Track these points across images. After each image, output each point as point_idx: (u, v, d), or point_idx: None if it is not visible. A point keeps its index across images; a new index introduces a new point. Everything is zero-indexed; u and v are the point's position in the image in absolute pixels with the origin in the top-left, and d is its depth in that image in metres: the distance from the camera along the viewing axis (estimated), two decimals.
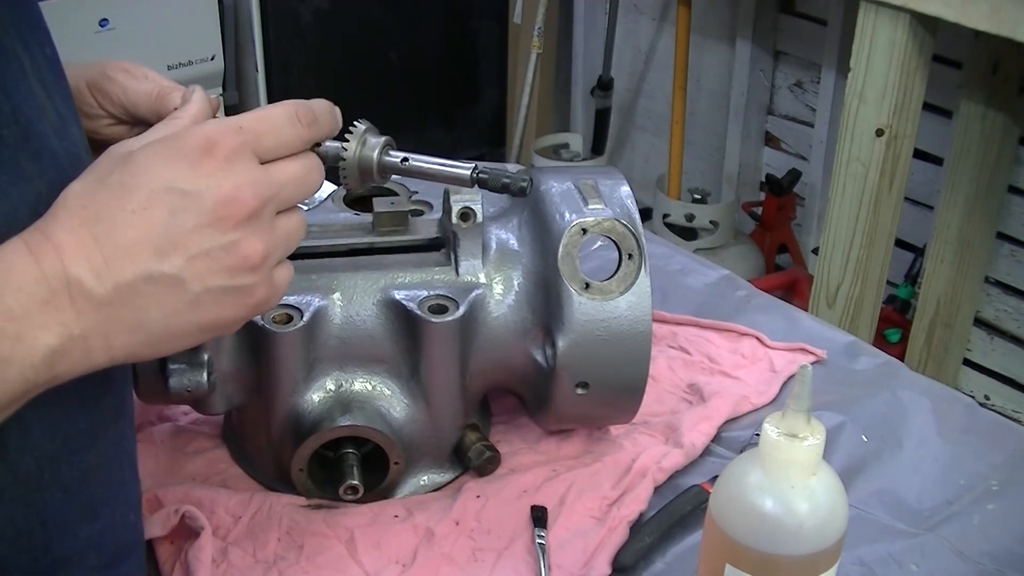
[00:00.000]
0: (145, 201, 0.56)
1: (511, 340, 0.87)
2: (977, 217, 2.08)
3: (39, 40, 0.61)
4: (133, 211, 0.55)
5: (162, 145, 0.58)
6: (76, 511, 0.63)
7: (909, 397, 1.02)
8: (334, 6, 2.57)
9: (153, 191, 0.56)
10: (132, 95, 0.73)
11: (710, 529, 0.66)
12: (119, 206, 0.55)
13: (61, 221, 0.55)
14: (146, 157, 0.57)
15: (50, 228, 0.55)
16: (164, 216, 0.56)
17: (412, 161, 0.69)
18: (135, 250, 0.55)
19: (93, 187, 0.56)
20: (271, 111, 0.61)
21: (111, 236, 0.55)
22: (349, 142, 0.69)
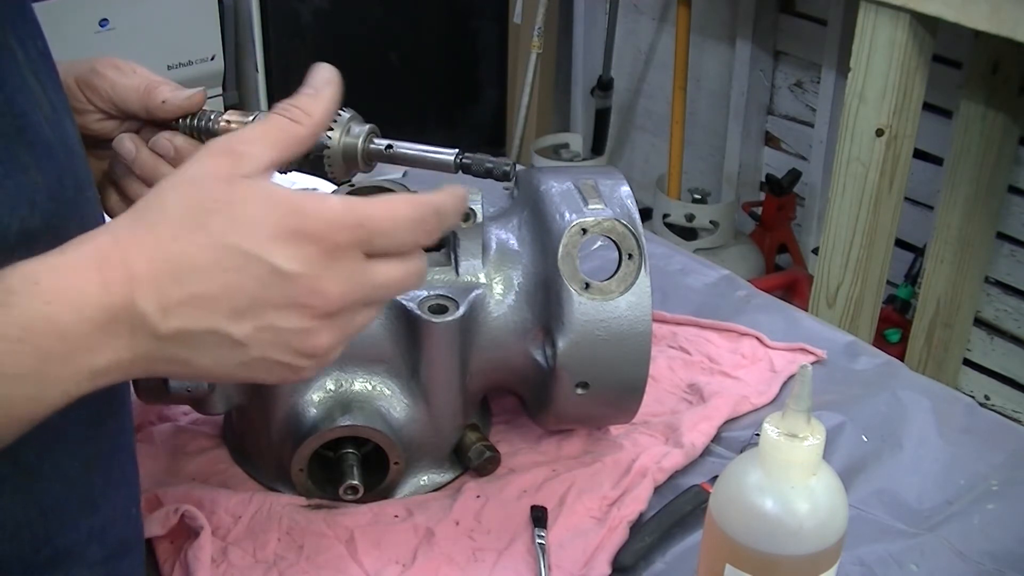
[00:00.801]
0: (240, 263, 0.54)
1: (511, 340, 0.87)
2: (977, 217, 2.08)
3: (31, 34, 0.61)
4: (225, 269, 0.54)
5: (274, 207, 0.55)
6: (76, 502, 0.63)
7: (909, 397, 1.02)
8: (334, 6, 2.57)
9: (251, 257, 0.54)
10: (120, 90, 0.73)
11: (710, 529, 0.66)
12: (214, 259, 0.54)
13: (146, 248, 0.54)
14: (256, 212, 0.55)
15: (130, 253, 0.53)
16: (253, 285, 0.55)
17: (396, 148, 0.70)
18: (212, 306, 0.54)
19: (192, 223, 0.54)
20: (401, 210, 0.58)
21: (193, 283, 0.54)
22: (333, 130, 0.69)
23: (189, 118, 0.74)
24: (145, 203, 0.56)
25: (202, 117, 0.74)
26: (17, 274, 0.51)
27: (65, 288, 0.51)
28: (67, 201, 0.60)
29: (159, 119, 0.74)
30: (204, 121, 0.74)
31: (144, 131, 0.75)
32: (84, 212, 0.62)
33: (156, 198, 0.56)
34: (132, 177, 0.75)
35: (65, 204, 0.60)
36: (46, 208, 0.58)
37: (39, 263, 0.52)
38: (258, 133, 0.59)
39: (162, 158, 0.74)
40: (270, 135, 0.59)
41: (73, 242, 0.54)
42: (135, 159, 0.73)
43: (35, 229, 0.57)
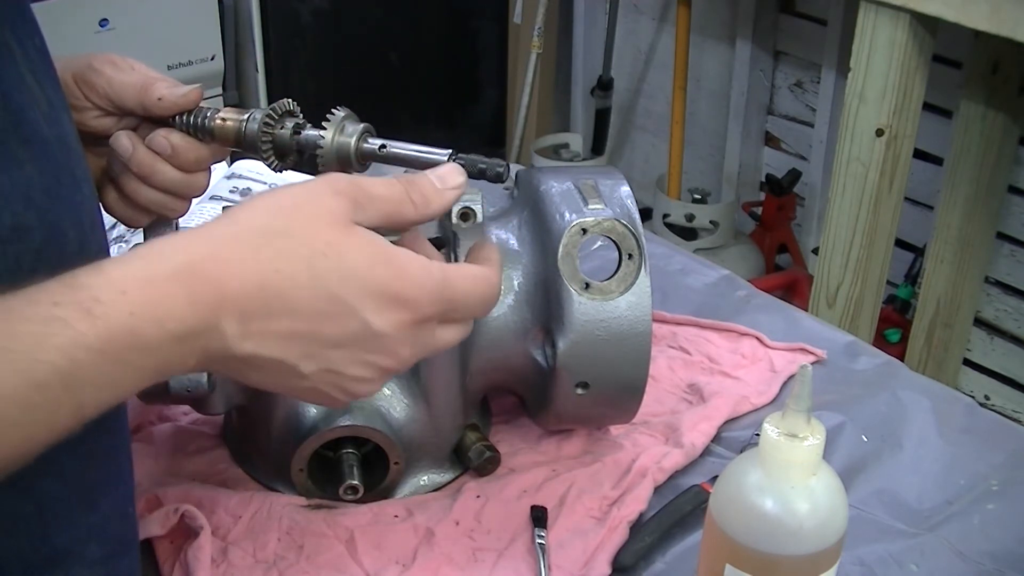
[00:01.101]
0: (334, 311, 0.56)
1: (511, 340, 0.87)
2: (977, 217, 2.08)
3: (29, 32, 0.61)
4: (318, 312, 0.56)
5: (382, 265, 0.57)
6: (75, 499, 0.63)
7: (909, 397, 1.02)
8: (334, 6, 2.57)
9: (347, 307, 0.56)
10: (117, 87, 0.73)
11: (710, 529, 0.66)
12: (310, 301, 0.56)
13: (245, 271, 0.54)
14: (364, 266, 0.57)
15: (227, 273, 0.54)
16: (338, 333, 0.57)
17: (390, 148, 0.69)
18: (291, 342, 0.56)
19: (300, 260, 0.55)
20: (484, 291, 0.63)
21: (282, 318, 0.55)
22: (327, 129, 0.69)
23: (185, 115, 0.74)
24: (250, 217, 0.57)
25: (198, 114, 0.74)
26: (103, 280, 0.51)
27: (152, 303, 0.52)
28: (63, 198, 0.60)
29: (156, 116, 0.74)
30: (200, 118, 0.73)
31: (142, 128, 0.75)
32: (81, 209, 0.62)
33: (264, 215, 0.56)
34: (129, 175, 0.75)
35: (61, 201, 0.60)
36: (42, 204, 0.58)
37: (125, 268, 0.52)
38: (380, 194, 0.60)
39: (159, 156, 0.74)
40: (387, 205, 0.60)
41: (163, 246, 0.54)
42: (132, 157, 0.73)
43: (29, 225, 0.57)
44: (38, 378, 0.48)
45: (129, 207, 0.76)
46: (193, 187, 0.76)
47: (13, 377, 0.47)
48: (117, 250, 1.13)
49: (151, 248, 0.54)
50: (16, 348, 0.48)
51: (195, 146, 0.74)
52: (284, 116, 0.72)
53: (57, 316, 0.49)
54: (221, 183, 1.33)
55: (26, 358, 0.48)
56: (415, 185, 0.62)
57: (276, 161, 0.73)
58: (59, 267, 0.59)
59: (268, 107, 0.72)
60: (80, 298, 0.50)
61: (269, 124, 0.72)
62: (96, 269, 0.52)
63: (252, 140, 0.72)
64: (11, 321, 0.48)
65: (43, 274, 0.58)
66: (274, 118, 0.72)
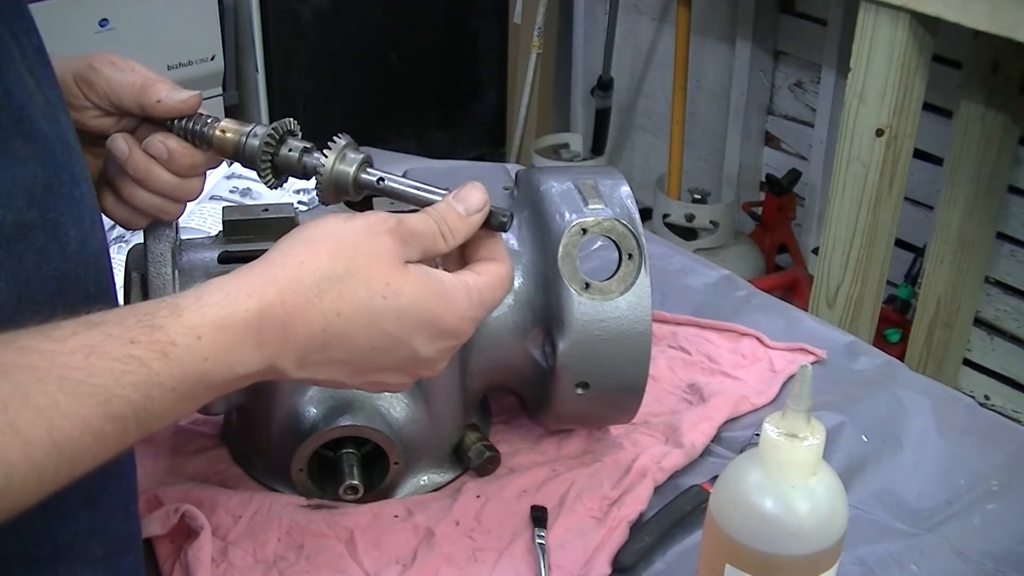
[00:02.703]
0: (387, 345, 0.62)
1: (511, 340, 0.87)
2: (977, 217, 2.08)
3: (26, 29, 0.61)
4: (372, 347, 0.62)
5: (432, 302, 0.63)
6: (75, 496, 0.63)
7: (909, 397, 1.02)
8: (334, 6, 2.57)
9: (399, 342, 0.62)
10: (116, 86, 0.73)
11: (710, 529, 0.66)
12: (366, 339, 0.61)
13: (310, 319, 0.59)
14: (416, 304, 0.62)
15: (295, 321, 0.58)
16: (388, 360, 0.63)
17: (388, 181, 0.70)
18: (344, 368, 0.62)
19: (361, 304, 0.60)
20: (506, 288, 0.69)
21: (338, 352, 0.61)
22: (328, 156, 0.69)
23: (184, 120, 0.73)
24: (315, 259, 0.60)
25: (198, 121, 0.73)
26: (179, 324, 0.55)
27: (224, 351, 0.56)
28: (63, 196, 0.60)
29: (154, 117, 0.74)
30: (200, 125, 0.73)
31: (140, 130, 0.75)
32: (80, 207, 0.62)
33: (327, 259, 0.60)
34: (125, 177, 0.74)
35: (62, 199, 0.60)
36: (43, 202, 0.58)
37: (201, 313, 0.56)
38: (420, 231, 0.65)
39: (155, 159, 0.74)
40: (425, 242, 0.65)
41: (237, 289, 0.58)
42: (128, 159, 0.73)
43: (31, 222, 0.57)
44: (114, 412, 0.51)
45: (125, 209, 0.76)
46: (188, 191, 0.76)
47: (91, 410, 0.51)
48: (117, 250, 1.13)
49: (224, 291, 0.57)
50: (95, 383, 0.51)
51: (191, 151, 0.74)
52: (286, 135, 0.72)
53: (134, 355, 0.52)
54: (221, 183, 1.33)
55: (104, 392, 0.51)
56: (444, 220, 0.66)
57: (273, 180, 0.73)
58: (61, 266, 0.59)
59: (270, 125, 0.72)
60: (157, 339, 0.54)
61: (270, 143, 0.71)
62: (173, 309, 0.55)
63: (251, 156, 0.72)
64: (90, 356, 0.51)
65: (46, 272, 0.58)
66: (276, 137, 0.71)
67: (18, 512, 0.49)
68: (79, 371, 0.51)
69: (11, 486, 0.48)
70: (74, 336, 0.52)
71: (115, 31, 2.22)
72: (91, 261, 0.63)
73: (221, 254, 0.84)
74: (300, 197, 1.31)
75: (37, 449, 0.49)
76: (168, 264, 0.81)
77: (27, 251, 0.58)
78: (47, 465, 0.49)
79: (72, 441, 0.50)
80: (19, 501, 0.49)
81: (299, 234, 0.62)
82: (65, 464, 0.50)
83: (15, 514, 0.49)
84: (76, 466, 0.51)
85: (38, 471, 0.49)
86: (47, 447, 0.49)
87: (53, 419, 0.49)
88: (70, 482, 0.51)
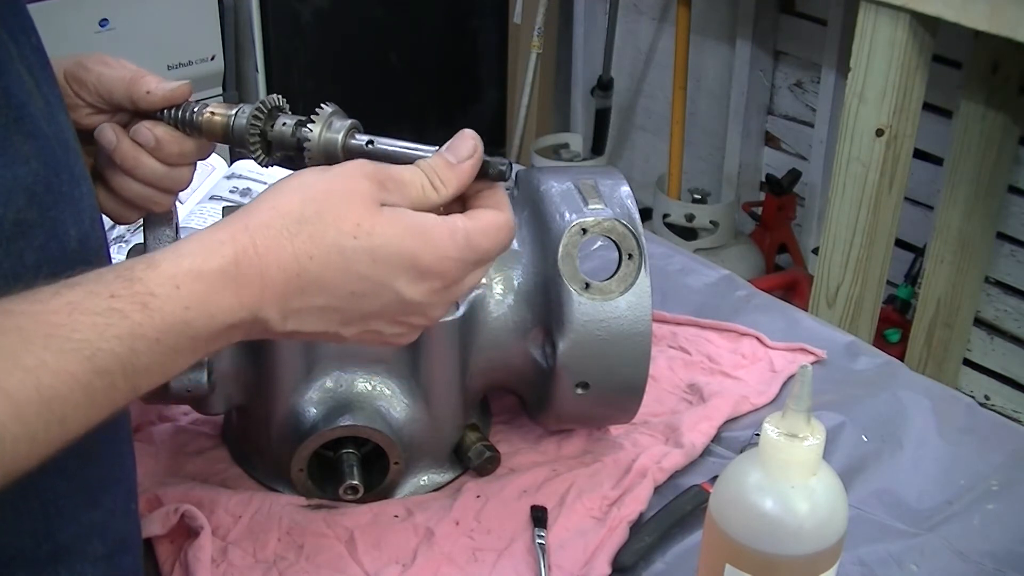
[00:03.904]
0: (368, 289, 0.60)
1: (511, 340, 0.87)
2: (977, 217, 2.08)
3: (24, 29, 0.61)
4: (353, 292, 0.60)
5: (409, 241, 0.60)
6: (76, 495, 0.63)
7: (909, 397, 1.02)
8: (334, 6, 2.57)
9: (381, 285, 0.60)
10: (107, 82, 0.73)
11: (710, 529, 0.66)
12: (344, 281, 0.59)
13: (283, 261, 0.58)
14: (392, 245, 0.60)
15: (268, 265, 0.57)
16: (374, 305, 0.61)
17: (377, 144, 0.69)
18: (330, 316, 0.61)
19: (332, 245, 0.59)
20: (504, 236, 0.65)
21: (319, 297, 0.59)
22: (315, 124, 0.69)
23: (174, 109, 0.74)
24: (286, 203, 0.59)
25: (186, 108, 0.74)
26: (157, 274, 0.55)
27: (204, 299, 0.56)
28: (63, 195, 0.60)
29: (144, 109, 0.74)
30: (188, 113, 0.73)
31: (132, 123, 0.75)
32: (80, 207, 0.62)
33: (297, 202, 0.59)
34: (114, 168, 0.74)
35: (62, 198, 0.60)
36: (43, 200, 0.58)
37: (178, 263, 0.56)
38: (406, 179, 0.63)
39: (143, 148, 0.74)
40: (413, 190, 0.63)
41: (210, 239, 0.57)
42: (116, 149, 0.73)
43: (31, 220, 0.58)
44: (100, 365, 0.52)
45: (115, 202, 0.76)
46: (177, 181, 0.76)
47: (77, 365, 0.51)
48: (117, 250, 1.13)
49: (200, 241, 0.57)
50: (79, 337, 0.51)
51: (179, 139, 0.74)
52: (273, 111, 0.72)
53: (115, 308, 0.53)
54: (221, 183, 1.33)
55: (89, 346, 0.51)
56: (434, 170, 0.64)
57: (264, 156, 0.73)
58: (61, 264, 0.59)
59: (257, 102, 0.72)
60: (136, 291, 0.54)
61: (258, 119, 0.72)
62: (149, 263, 0.55)
63: (240, 134, 0.72)
64: (73, 313, 0.52)
65: (46, 271, 0.58)
66: (263, 113, 0.72)
67: (12, 477, 0.50)
68: (63, 328, 0.51)
69: (4, 449, 0.48)
70: (56, 296, 0.52)
71: (115, 31, 2.22)
72: (92, 259, 0.63)
73: None
74: None
75: (26, 409, 0.49)
76: None
77: (27, 249, 0.58)
78: (38, 425, 0.50)
79: (61, 398, 0.50)
80: (12, 464, 0.50)
81: (276, 184, 0.62)
82: (56, 423, 0.51)
83: (9, 479, 0.50)
84: (66, 426, 0.52)
85: (29, 432, 0.50)
86: (36, 406, 0.50)
87: (41, 377, 0.50)
88: (62, 444, 0.52)
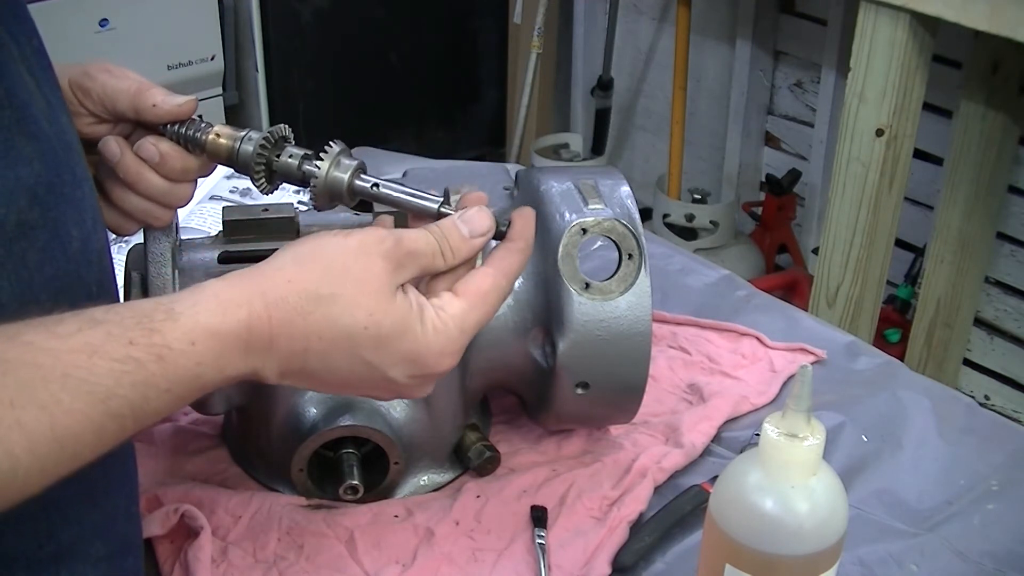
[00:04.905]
0: (364, 372, 0.63)
1: (511, 340, 0.87)
2: (977, 217, 2.08)
3: (25, 31, 0.61)
4: (351, 371, 0.63)
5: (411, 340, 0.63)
6: (78, 497, 0.63)
7: (909, 397, 1.02)
8: (334, 6, 2.56)
9: (375, 369, 0.63)
10: (112, 92, 0.73)
11: (710, 529, 0.66)
12: (347, 364, 0.63)
13: (295, 338, 0.61)
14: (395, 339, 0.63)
15: (279, 339, 0.60)
16: (363, 380, 0.64)
17: (382, 187, 0.70)
18: (321, 381, 0.64)
19: (342, 331, 0.62)
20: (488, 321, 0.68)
21: (318, 370, 0.63)
22: (323, 161, 0.69)
23: (178, 125, 0.73)
24: (305, 277, 0.61)
25: (191, 126, 0.73)
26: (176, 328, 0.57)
27: (216, 357, 0.58)
28: (65, 196, 0.60)
29: (148, 122, 0.73)
30: (193, 130, 0.73)
31: (134, 136, 0.75)
32: (82, 208, 0.62)
33: (316, 278, 0.61)
34: (116, 180, 0.74)
35: (64, 199, 0.60)
36: (45, 201, 0.58)
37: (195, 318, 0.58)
38: (419, 250, 0.65)
39: (146, 163, 0.73)
40: (423, 260, 0.66)
41: (228, 298, 0.59)
42: (119, 162, 0.73)
43: (33, 221, 0.58)
44: (113, 409, 0.54)
45: (116, 214, 0.76)
46: (178, 197, 0.76)
47: (92, 407, 0.53)
48: (117, 251, 1.13)
49: (218, 298, 0.59)
50: (96, 381, 0.53)
51: (183, 156, 0.74)
52: (279, 142, 0.72)
53: (133, 356, 0.55)
54: (221, 183, 1.33)
55: (105, 391, 0.53)
56: (447, 238, 0.67)
57: (266, 185, 0.73)
58: (63, 265, 0.59)
59: (265, 131, 0.72)
60: (154, 342, 0.56)
61: (265, 148, 0.71)
62: (169, 313, 0.57)
63: (245, 161, 0.72)
64: (93, 356, 0.53)
65: (48, 272, 0.58)
66: (270, 143, 0.72)
67: (21, 501, 0.52)
68: (81, 369, 0.53)
69: (16, 479, 0.50)
70: (78, 333, 0.54)
71: (115, 31, 2.22)
72: (93, 261, 0.63)
73: (221, 254, 0.84)
74: (300, 197, 1.31)
75: (40, 444, 0.51)
76: (168, 264, 0.81)
77: (29, 250, 0.58)
78: (49, 459, 0.52)
79: (73, 436, 0.52)
80: (22, 492, 0.51)
81: (294, 248, 0.64)
82: (66, 458, 0.53)
83: (18, 503, 0.52)
84: (76, 459, 0.53)
85: (40, 464, 0.51)
86: (49, 442, 0.51)
87: (56, 415, 0.51)
88: (69, 474, 0.54)
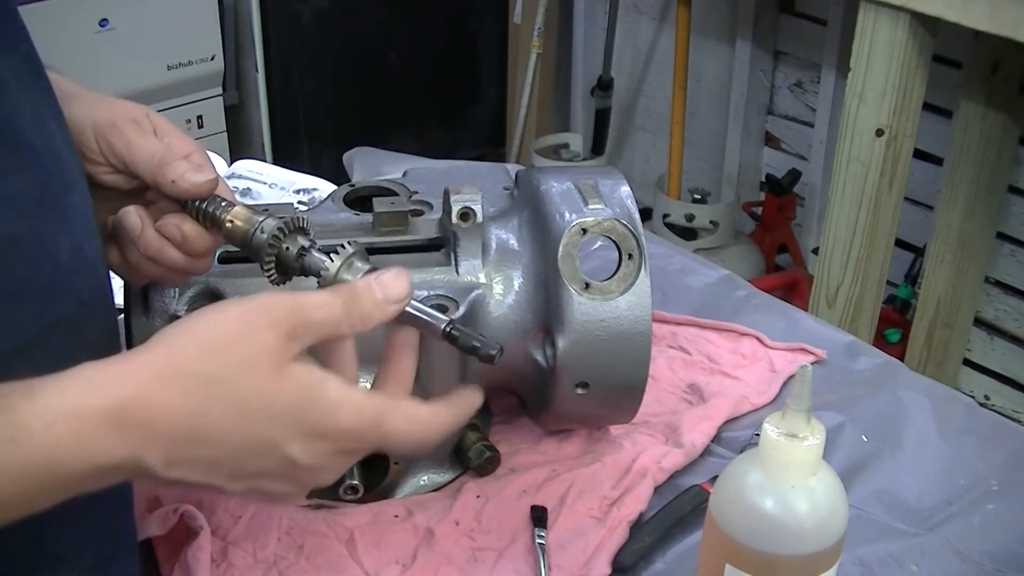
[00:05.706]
0: (258, 448, 0.56)
1: (511, 340, 0.87)
2: (977, 217, 2.08)
3: (14, 38, 0.60)
4: (242, 447, 0.56)
5: (309, 407, 0.57)
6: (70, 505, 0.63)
7: (909, 397, 1.02)
8: (334, 6, 2.57)
9: (272, 445, 0.57)
10: (135, 153, 0.71)
11: (710, 529, 0.66)
12: (238, 440, 0.56)
13: (176, 417, 0.54)
14: (292, 409, 0.57)
15: (157, 418, 0.54)
16: (262, 464, 0.57)
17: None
18: (216, 469, 0.57)
19: (232, 407, 0.55)
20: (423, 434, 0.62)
21: (207, 451, 0.56)
22: (334, 260, 0.67)
23: (198, 201, 0.71)
24: (184, 355, 0.55)
25: (211, 203, 0.71)
26: (33, 407, 0.51)
27: (79, 439, 0.52)
28: (53, 207, 0.59)
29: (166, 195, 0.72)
30: (212, 207, 0.71)
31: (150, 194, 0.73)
32: (71, 216, 0.61)
33: (197, 357, 0.55)
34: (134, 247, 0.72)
35: (53, 210, 0.59)
36: (32, 214, 0.57)
37: (60, 399, 0.52)
38: (317, 319, 0.59)
39: (168, 240, 0.72)
40: (325, 328, 0.60)
41: (99, 378, 0.53)
42: (140, 236, 0.71)
43: (19, 236, 0.57)
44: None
45: (129, 270, 0.75)
46: (198, 269, 0.74)
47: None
48: None
49: (88, 377, 0.54)
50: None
51: (205, 236, 0.72)
52: (294, 232, 0.70)
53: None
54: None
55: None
56: (356, 305, 0.61)
57: (276, 276, 0.70)
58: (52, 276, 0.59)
59: (280, 221, 0.69)
60: (6, 422, 0.50)
61: (277, 239, 0.69)
62: (28, 391, 0.52)
63: (257, 250, 0.70)
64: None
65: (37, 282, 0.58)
66: (283, 234, 0.69)
67: None
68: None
69: None
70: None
71: (115, 31, 2.23)
72: (86, 269, 0.62)
73: (221, 255, 0.84)
74: (300, 197, 1.31)
75: None
76: None
77: (17, 263, 0.57)
78: None
79: None
80: None
81: (179, 325, 0.58)
82: None
83: None
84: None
85: None
86: None
87: None
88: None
